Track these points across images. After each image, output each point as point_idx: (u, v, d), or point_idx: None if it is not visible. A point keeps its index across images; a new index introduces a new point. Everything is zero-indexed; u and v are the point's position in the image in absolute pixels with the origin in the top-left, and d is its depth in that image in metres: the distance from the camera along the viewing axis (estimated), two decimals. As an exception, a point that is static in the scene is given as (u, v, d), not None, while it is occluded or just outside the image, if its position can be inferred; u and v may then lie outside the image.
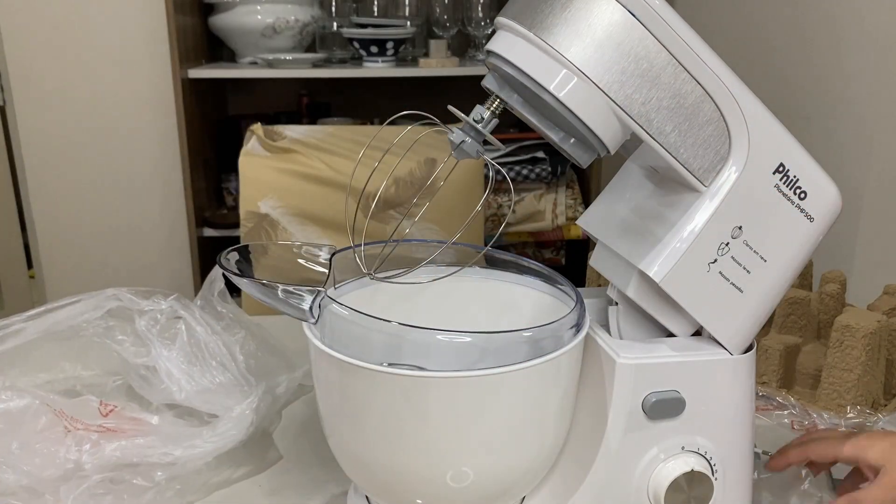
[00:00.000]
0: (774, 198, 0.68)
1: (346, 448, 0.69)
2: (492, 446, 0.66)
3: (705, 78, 0.63)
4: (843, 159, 1.60)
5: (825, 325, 1.06)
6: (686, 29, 0.62)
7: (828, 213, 0.70)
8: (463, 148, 0.66)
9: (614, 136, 0.64)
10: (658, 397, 0.69)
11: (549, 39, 0.60)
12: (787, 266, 0.70)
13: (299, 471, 0.85)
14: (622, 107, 0.61)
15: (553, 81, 0.61)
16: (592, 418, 0.71)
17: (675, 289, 0.67)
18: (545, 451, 0.70)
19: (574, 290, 0.73)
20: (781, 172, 0.67)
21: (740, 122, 0.65)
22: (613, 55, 0.60)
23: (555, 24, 0.60)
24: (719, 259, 0.68)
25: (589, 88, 0.61)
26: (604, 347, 0.70)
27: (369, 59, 2.22)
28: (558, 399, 0.68)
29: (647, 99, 0.62)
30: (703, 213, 0.66)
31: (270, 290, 0.67)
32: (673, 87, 0.62)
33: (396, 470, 0.66)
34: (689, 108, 0.63)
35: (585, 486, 0.71)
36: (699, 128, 0.64)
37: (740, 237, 0.68)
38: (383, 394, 0.63)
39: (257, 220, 1.57)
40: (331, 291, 0.74)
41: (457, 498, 0.67)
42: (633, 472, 0.70)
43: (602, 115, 0.62)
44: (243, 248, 0.76)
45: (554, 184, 2.25)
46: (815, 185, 0.69)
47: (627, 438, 0.69)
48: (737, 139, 0.65)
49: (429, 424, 0.63)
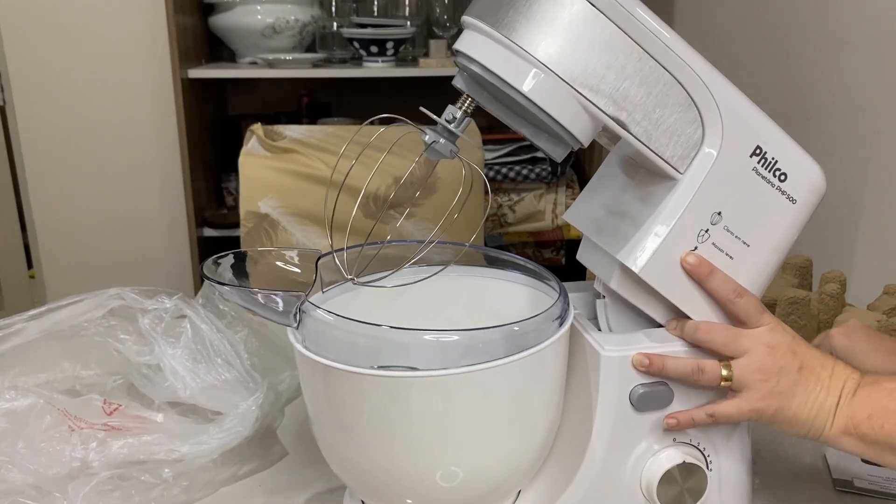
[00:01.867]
0: (753, 181, 0.67)
1: (335, 451, 0.69)
2: (480, 443, 0.66)
3: (672, 64, 0.63)
4: (843, 159, 1.60)
5: (825, 325, 1.07)
6: (650, 16, 0.62)
7: (811, 193, 0.69)
8: (436, 148, 0.66)
9: (584, 129, 0.63)
10: (645, 389, 0.68)
11: (512, 36, 0.60)
12: (772, 250, 0.69)
13: (302, 466, 0.86)
14: (589, 99, 0.61)
15: (519, 78, 0.61)
16: (582, 412, 0.71)
17: (655, 278, 0.67)
18: (535, 446, 0.70)
19: (558, 282, 0.73)
20: (759, 155, 0.67)
21: (712, 106, 0.65)
22: (577, 48, 0.60)
23: (518, 21, 0.60)
24: (700, 246, 0.67)
25: (555, 83, 0.61)
26: (589, 341, 0.70)
27: (369, 59, 2.23)
28: (545, 392, 0.68)
29: (613, 89, 0.62)
30: (680, 200, 0.66)
31: (252, 296, 0.67)
32: (640, 75, 0.62)
33: (386, 471, 0.66)
34: (657, 96, 0.63)
35: (578, 480, 0.70)
36: (670, 115, 0.64)
37: (720, 223, 0.67)
38: (368, 396, 0.63)
39: (257, 220, 1.57)
40: (317, 296, 0.74)
41: (450, 497, 0.67)
42: (625, 465, 0.70)
43: (570, 109, 0.62)
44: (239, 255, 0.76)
45: (554, 184, 2.26)
46: (796, 166, 0.68)
47: (617, 431, 0.69)
48: (709, 124, 0.65)
49: (415, 425, 0.63)
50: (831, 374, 0.68)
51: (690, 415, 0.69)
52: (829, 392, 0.67)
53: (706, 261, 0.68)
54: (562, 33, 0.60)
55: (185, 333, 0.87)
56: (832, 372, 0.68)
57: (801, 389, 0.67)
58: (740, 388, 0.68)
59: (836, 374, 0.68)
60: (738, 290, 0.68)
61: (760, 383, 0.67)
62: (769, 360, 0.67)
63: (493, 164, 2.19)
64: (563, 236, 2.30)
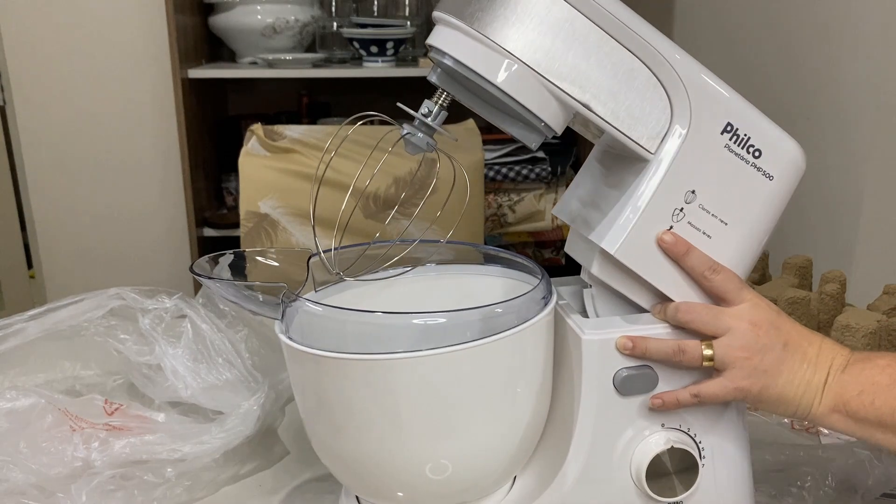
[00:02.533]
0: (726, 158, 0.67)
1: (326, 445, 0.69)
2: (465, 427, 0.66)
3: (637, 46, 0.64)
4: (843, 159, 1.60)
5: (825, 325, 1.07)
6: (612, 1, 0.63)
7: (788, 170, 0.69)
8: (413, 142, 0.68)
9: (555, 115, 0.65)
10: (629, 372, 0.68)
11: (480, 28, 0.62)
12: (751, 228, 0.69)
13: (303, 466, 0.86)
14: (556, 84, 0.63)
15: (489, 69, 0.62)
16: (568, 398, 0.71)
17: (631, 259, 0.67)
18: (522, 431, 0.70)
19: (538, 267, 0.74)
20: (730, 132, 0.67)
21: (678, 85, 0.65)
22: (541, 35, 0.62)
23: (483, 12, 0.62)
24: (675, 225, 0.67)
25: (523, 71, 0.62)
26: (570, 325, 0.70)
27: (369, 59, 2.23)
28: (528, 374, 0.68)
29: (579, 74, 0.63)
30: (652, 180, 0.66)
31: (239, 290, 0.68)
32: (605, 59, 0.63)
33: (374, 461, 0.66)
34: (622, 78, 0.64)
35: (566, 466, 0.70)
36: (636, 96, 0.65)
37: (695, 201, 0.67)
38: (352, 381, 0.63)
39: (257, 220, 1.58)
40: (309, 294, 0.75)
41: (440, 488, 0.67)
42: (614, 450, 0.70)
43: (539, 96, 0.63)
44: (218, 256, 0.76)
45: (554, 184, 2.26)
46: (770, 143, 0.68)
47: (602, 415, 0.69)
48: (678, 103, 0.66)
49: (400, 409, 0.63)
50: (818, 350, 0.67)
51: (675, 395, 0.69)
52: (817, 369, 0.66)
53: (682, 239, 0.68)
54: (525, 22, 0.62)
55: (186, 333, 0.87)
56: (819, 348, 0.67)
57: (786, 367, 0.66)
58: (723, 368, 0.67)
59: (823, 351, 0.67)
60: (715, 267, 0.68)
61: (744, 361, 0.66)
62: (752, 337, 0.66)
63: (493, 164, 2.19)
64: (563, 236, 2.30)
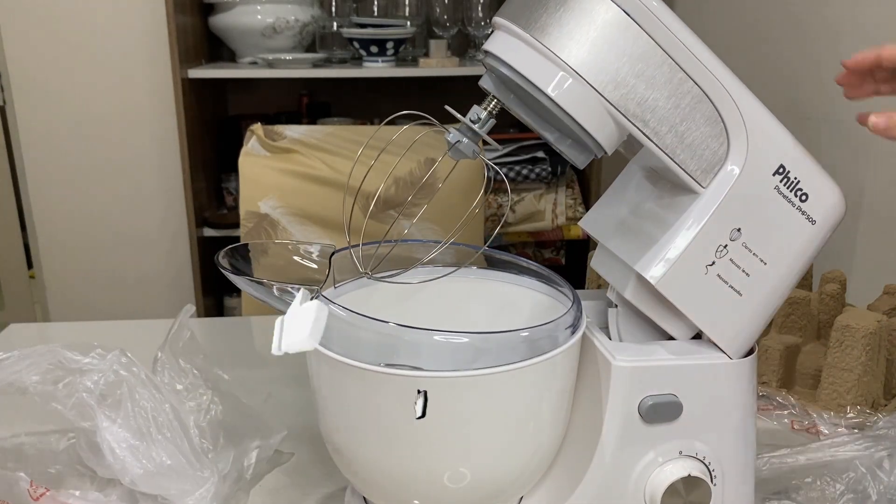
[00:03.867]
0: (774, 199, 0.67)
1: (343, 449, 0.69)
2: (489, 447, 0.66)
3: (702, 78, 0.63)
4: (843, 159, 1.60)
5: (825, 325, 1.07)
6: (682, 28, 0.62)
7: (830, 216, 0.69)
8: (459, 148, 0.66)
9: (610, 137, 0.63)
10: (654, 401, 0.68)
11: (543, 40, 0.60)
12: (788, 269, 0.69)
13: (306, 466, 0.85)
14: (617, 107, 0.61)
15: (548, 82, 0.61)
16: (589, 420, 0.71)
17: (671, 291, 0.67)
18: (542, 452, 0.70)
19: (571, 290, 0.73)
20: (782, 174, 0.67)
21: (738, 122, 0.65)
22: (608, 55, 0.60)
23: (549, 24, 0.60)
24: (717, 261, 0.67)
25: (584, 89, 0.61)
26: (600, 349, 0.70)
27: (369, 59, 2.22)
28: (555, 399, 0.68)
29: (642, 99, 0.62)
30: (701, 214, 0.66)
31: (267, 289, 0.67)
32: (669, 87, 0.62)
33: (393, 471, 0.66)
34: (685, 109, 0.63)
35: (581, 489, 0.70)
36: (696, 128, 0.64)
37: (739, 239, 0.67)
38: (379, 394, 0.63)
39: (257, 220, 1.57)
40: (329, 291, 0.74)
41: (454, 498, 0.67)
42: (630, 476, 0.70)
43: (597, 116, 0.62)
44: (242, 247, 0.76)
45: (554, 184, 2.26)
46: (817, 188, 0.68)
47: (623, 441, 0.69)
48: (735, 140, 0.65)
49: (425, 425, 0.63)
50: None
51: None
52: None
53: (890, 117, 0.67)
54: (593, 39, 0.60)
55: (125, 402, 0.73)
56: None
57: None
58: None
59: None
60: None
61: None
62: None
63: (493, 164, 2.19)
64: (563, 236, 2.30)
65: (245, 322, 1.37)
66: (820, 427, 0.92)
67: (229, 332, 1.32)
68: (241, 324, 1.38)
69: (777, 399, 0.97)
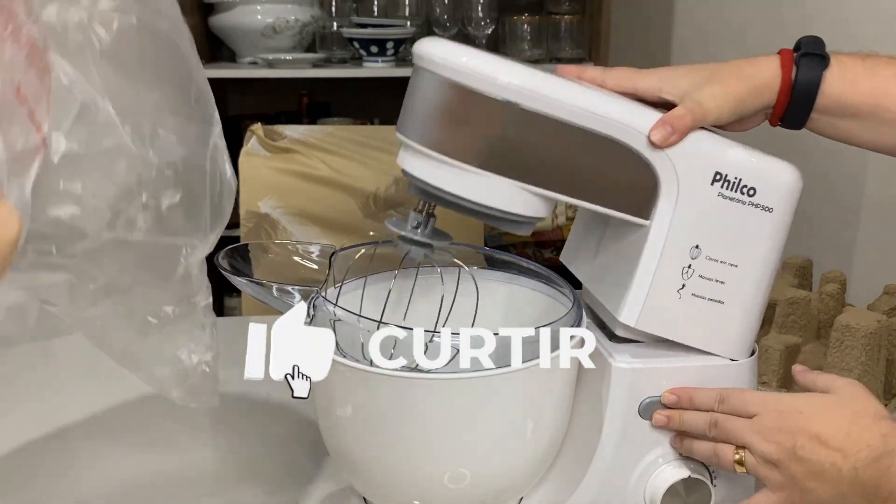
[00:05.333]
0: (722, 206, 0.66)
1: (343, 448, 0.69)
2: (489, 447, 0.66)
3: (606, 127, 0.63)
4: (844, 159, 1.60)
5: (825, 325, 1.06)
6: (566, 89, 0.62)
7: (786, 196, 0.68)
8: (411, 256, 0.67)
9: (539, 208, 0.64)
10: (654, 401, 0.68)
11: (441, 148, 0.61)
12: (762, 262, 0.69)
13: (297, 468, 0.85)
14: (532, 183, 0.62)
15: (460, 187, 0.62)
16: (589, 421, 0.71)
17: (653, 325, 0.67)
18: (542, 452, 0.70)
19: (571, 290, 0.73)
20: (720, 180, 0.66)
21: (658, 153, 0.64)
22: (504, 144, 0.61)
23: (440, 131, 0.61)
24: (687, 283, 0.67)
25: (496, 181, 0.61)
26: (600, 351, 0.70)
27: (369, 59, 2.22)
28: (555, 400, 0.68)
29: (552, 169, 0.62)
30: (654, 247, 0.66)
31: (266, 289, 0.67)
32: (576, 147, 0.62)
33: (393, 471, 0.66)
34: (600, 161, 0.63)
35: (581, 489, 0.70)
36: (617, 173, 0.64)
37: (701, 255, 0.66)
38: (379, 395, 0.63)
39: (257, 220, 1.57)
40: (329, 291, 0.74)
41: (454, 498, 0.67)
42: (630, 477, 0.70)
43: (519, 199, 0.63)
44: (242, 247, 0.76)
45: (554, 184, 2.26)
46: (763, 177, 0.67)
47: (624, 442, 0.69)
48: (661, 170, 0.65)
49: (426, 426, 0.63)
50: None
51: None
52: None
53: (679, 391, 0.68)
54: (484, 132, 0.61)
55: None
56: None
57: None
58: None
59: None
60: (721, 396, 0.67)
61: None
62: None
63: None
64: (563, 236, 2.30)
65: (245, 322, 1.37)
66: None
67: (229, 332, 1.32)
68: (240, 324, 1.38)
69: (777, 399, 0.97)
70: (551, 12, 2.31)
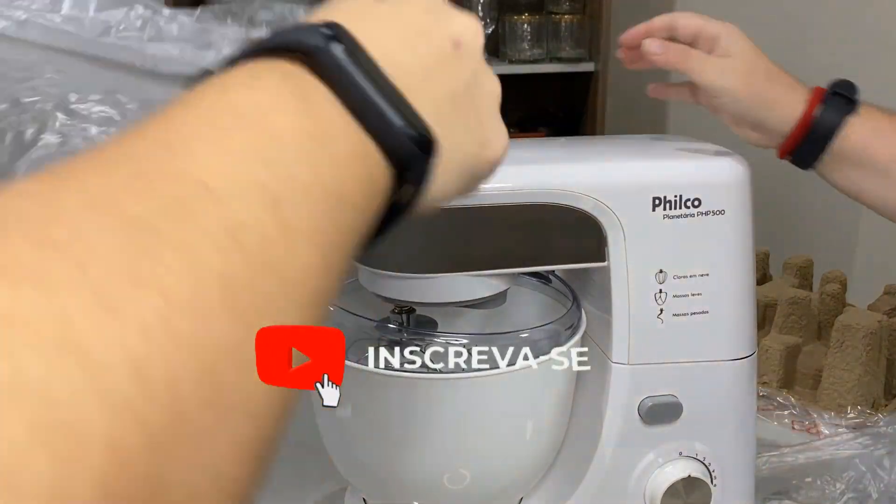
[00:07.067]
0: (671, 226, 0.65)
1: (342, 449, 0.69)
2: (489, 447, 0.66)
3: (532, 197, 0.63)
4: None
5: (825, 325, 1.06)
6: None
7: (736, 192, 0.66)
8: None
9: (497, 288, 0.66)
10: (654, 401, 0.68)
11: (398, 269, 0.64)
12: (733, 263, 0.68)
13: (297, 468, 0.85)
14: (482, 271, 0.64)
15: (419, 295, 0.65)
16: (589, 421, 0.71)
17: (647, 356, 0.67)
18: (542, 452, 0.70)
19: (571, 290, 0.73)
20: (660, 203, 0.64)
21: (590, 201, 0.64)
22: (452, 243, 0.63)
23: (398, 251, 0.63)
24: (664, 306, 0.66)
25: (447, 280, 0.64)
26: (599, 349, 0.70)
27: (369, 58, 2.22)
28: (555, 400, 0.68)
29: (494, 252, 0.64)
30: (619, 285, 0.66)
31: None
32: (516, 223, 0.64)
33: (393, 471, 0.66)
34: (537, 230, 0.64)
35: (581, 489, 0.70)
36: (557, 233, 0.65)
37: (667, 277, 0.66)
38: (379, 395, 0.63)
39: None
40: None
41: (454, 498, 0.67)
42: (630, 477, 0.70)
43: (474, 285, 0.65)
44: None
45: (554, 184, 2.26)
46: (703, 184, 0.65)
47: (623, 442, 0.69)
48: (599, 213, 0.64)
49: (425, 426, 0.63)
50: None
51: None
52: None
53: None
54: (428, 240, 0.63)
55: None
56: None
57: None
58: None
59: None
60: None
61: None
62: None
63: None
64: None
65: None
66: (820, 427, 0.92)
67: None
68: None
69: (777, 399, 0.97)
70: (551, 12, 2.31)
